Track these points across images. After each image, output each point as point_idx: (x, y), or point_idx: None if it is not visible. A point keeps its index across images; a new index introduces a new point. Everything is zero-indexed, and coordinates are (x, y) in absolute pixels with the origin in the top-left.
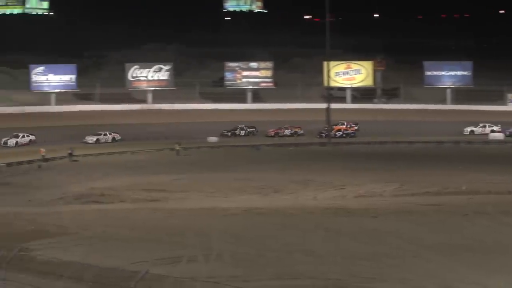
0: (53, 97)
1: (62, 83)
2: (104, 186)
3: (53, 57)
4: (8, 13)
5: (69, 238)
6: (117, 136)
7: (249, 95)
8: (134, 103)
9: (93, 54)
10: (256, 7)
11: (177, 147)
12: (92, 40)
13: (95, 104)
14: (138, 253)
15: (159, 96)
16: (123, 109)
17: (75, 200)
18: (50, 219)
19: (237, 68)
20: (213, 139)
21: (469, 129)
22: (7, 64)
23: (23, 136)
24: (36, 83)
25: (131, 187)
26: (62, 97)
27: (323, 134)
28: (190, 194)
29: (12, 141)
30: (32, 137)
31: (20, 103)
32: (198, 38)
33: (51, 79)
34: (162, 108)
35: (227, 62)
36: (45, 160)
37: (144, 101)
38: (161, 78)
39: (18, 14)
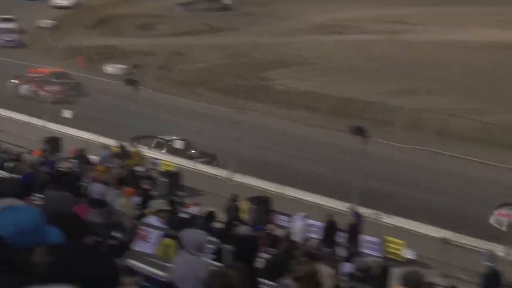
0: None
1: None
2: (345, 17)
3: None
4: None
5: (309, 68)
6: None
7: None
8: None
9: None
10: None
11: None
12: None
13: None
14: (376, 84)
15: None
16: None
17: (316, 31)
18: (290, 49)
19: None
20: None
21: None
22: None
23: None
24: None
25: (372, 18)
26: None
27: None
28: (430, 27)
29: None
30: None
31: None
32: None
33: None
34: None
35: None
36: None
37: None
38: None
39: None
